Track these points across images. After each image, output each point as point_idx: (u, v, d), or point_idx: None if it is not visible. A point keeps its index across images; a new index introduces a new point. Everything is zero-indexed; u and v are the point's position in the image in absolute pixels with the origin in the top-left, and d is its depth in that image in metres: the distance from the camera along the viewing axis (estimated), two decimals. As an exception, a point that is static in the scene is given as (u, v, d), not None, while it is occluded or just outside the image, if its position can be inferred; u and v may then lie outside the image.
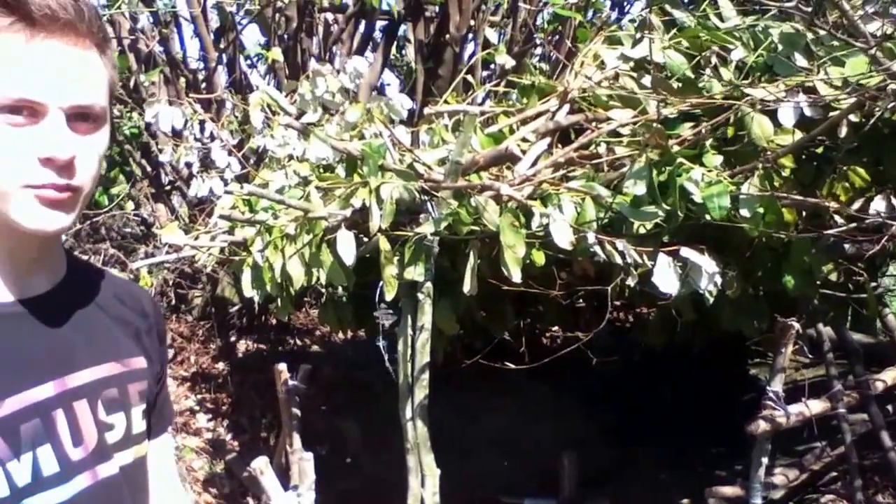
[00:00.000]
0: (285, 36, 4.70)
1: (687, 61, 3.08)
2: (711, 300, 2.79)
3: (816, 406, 3.74)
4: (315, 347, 6.00)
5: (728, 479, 4.88)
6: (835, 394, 3.83)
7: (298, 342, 5.94)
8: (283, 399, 3.63)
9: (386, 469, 5.28)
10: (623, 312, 6.49)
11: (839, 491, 4.21)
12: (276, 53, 3.83)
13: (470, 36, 4.62)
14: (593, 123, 3.02)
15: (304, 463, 3.12)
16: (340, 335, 5.91)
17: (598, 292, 3.15)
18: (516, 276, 2.50)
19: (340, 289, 3.91)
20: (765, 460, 3.51)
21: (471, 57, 4.53)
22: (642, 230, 2.72)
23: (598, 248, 2.59)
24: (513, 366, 3.13)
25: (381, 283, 2.83)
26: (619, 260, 2.59)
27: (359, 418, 5.41)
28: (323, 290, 4.17)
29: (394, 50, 6.01)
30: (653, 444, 5.33)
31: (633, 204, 2.64)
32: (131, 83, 4.70)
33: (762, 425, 3.40)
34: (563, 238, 2.54)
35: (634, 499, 5.03)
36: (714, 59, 3.00)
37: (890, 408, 4.46)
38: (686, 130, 2.86)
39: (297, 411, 3.58)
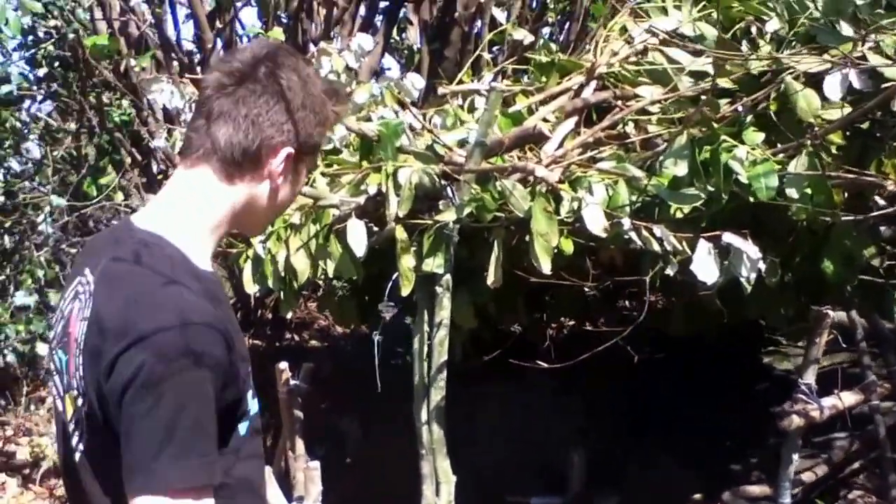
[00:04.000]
0: (284, 17, 4.46)
1: (720, 34, 2.87)
2: (749, 289, 2.58)
3: (849, 398, 3.56)
4: (314, 342, 5.78)
5: (743, 474, 4.68)
6: (868, 385, 3.64)
7: (296, 337, 5.72)
8: (283, 400, 3.41)
9: (389, 471, 5.07)
10: (630, 300, 6.27)
11: (867, 485, 4.01)
12: (277, 33, 3.61)
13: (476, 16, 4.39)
14: (620, 101, 2.81)
15: (310, 472, 2.90)
16: (340, 328, 5.69)
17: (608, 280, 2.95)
18: (546, 267, 2.29)
19: (343, 281, 3.70)
20: (795, 457, 3.32)
21: (479, 35, 4.29)
22: (679, 214, 2.52)
23: (633, 235, 2.39)
24: (524, 363, 2.93)
25: (394, 276, 2.61)
26: (656, 247, 2.39)
27: (360, 417, 5.21)
28: (321, 282, 3.96)
29: (394, 33, 5.78)
30: (664, 438, 5.12)
31: (671, 186, 2.44)
32: (122, 67, 4.46)
33: (795, 420, 3.21)
34: (597, 224, 2.33)
35: (645, 496, 4.83)
36: (753, 29, 2.80)
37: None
38: (724, 107, 2.65)
39: (299, 413, 3.36)
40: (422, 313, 2.64)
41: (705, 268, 2.40)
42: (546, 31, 5.08)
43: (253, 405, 1.43)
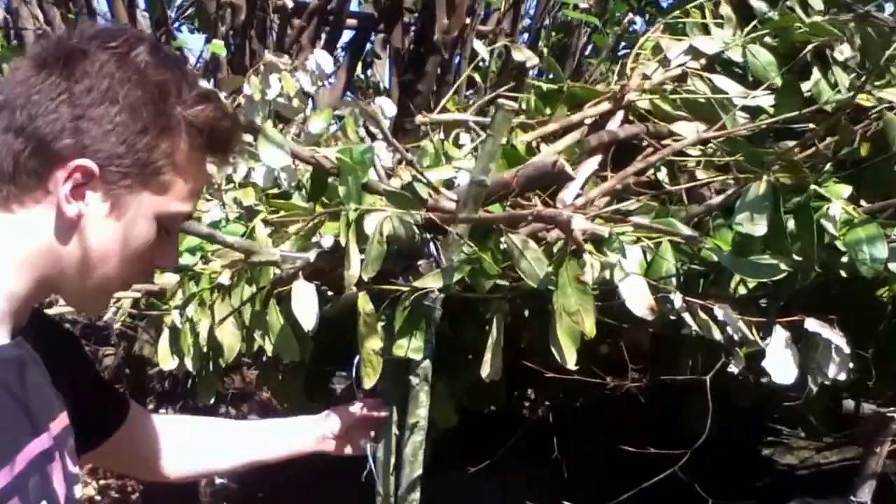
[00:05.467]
0: (230, 33, 3.81)
1: (776, 61, 2.26)
2: (815, 389, 1.91)
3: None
4: (253, 417, 5.01)
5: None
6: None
7: (232, 411, 4.94)
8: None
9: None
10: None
11: None
12: (218, 47, 2.96)
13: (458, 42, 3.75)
14: (654, 139, 2.16)
15: None
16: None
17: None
18: (571, 361, 1.61)
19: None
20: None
21: (458, 68, 3.66)
22: (742, 290, 1.86)
23: (688, 317, 1.72)
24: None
25: (354, 361, 1.92)
26: (717, 335, 1.73)
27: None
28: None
29: (359, 69, 5.14)
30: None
31: (737, 250, 1.78)
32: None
33: (856, 551, 2.56)
34: (641, 301, 1.66)
35: None
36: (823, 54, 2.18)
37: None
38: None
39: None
40: (389, 412, 1.95)
41: (781, 364, 1.75)
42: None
43: None
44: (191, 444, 1.65)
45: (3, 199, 1.05)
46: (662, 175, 2.19)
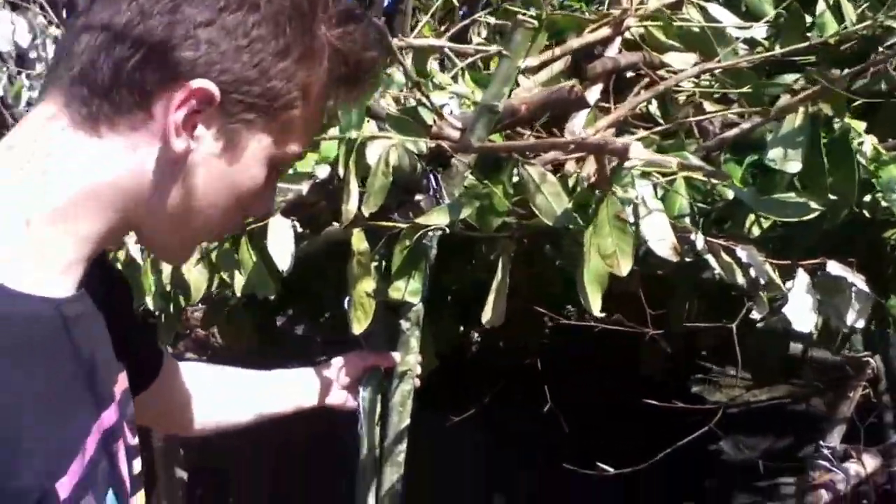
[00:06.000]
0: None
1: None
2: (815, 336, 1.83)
3: (871, 462, 2.90)
4: (190, 355, 4.80)
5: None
6: (890, 447, 2.99)
7: (168, 349, 4.72)
8: (159, 450, 2.49)
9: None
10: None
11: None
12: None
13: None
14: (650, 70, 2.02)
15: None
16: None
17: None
18: (596, 307, 1.48)
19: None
20: (810, 538, 2.62)
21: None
22: (756, 231, 1.75)
23: (711, 259, 1.60)
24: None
25: (345, 300, 1.75)
26: (740, 279, 1.61)
27: (268, 464, 4.31)
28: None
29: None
30: (586, 488, 4.37)
31: (763, 188, 1.67)
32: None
33: (824, 496, 2.52)
34: (664, 242, 1.53)
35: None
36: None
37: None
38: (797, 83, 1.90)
39: (182, 474, 2.44)
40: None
41: (802, 310, 1.65)
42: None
43: None
44: (215, 395, 1.44)
45: (90, 117, 0.80)
46: (654, 108, 2.07)
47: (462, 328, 3.13)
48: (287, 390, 1.58)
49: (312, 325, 2.93)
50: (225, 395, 1.46)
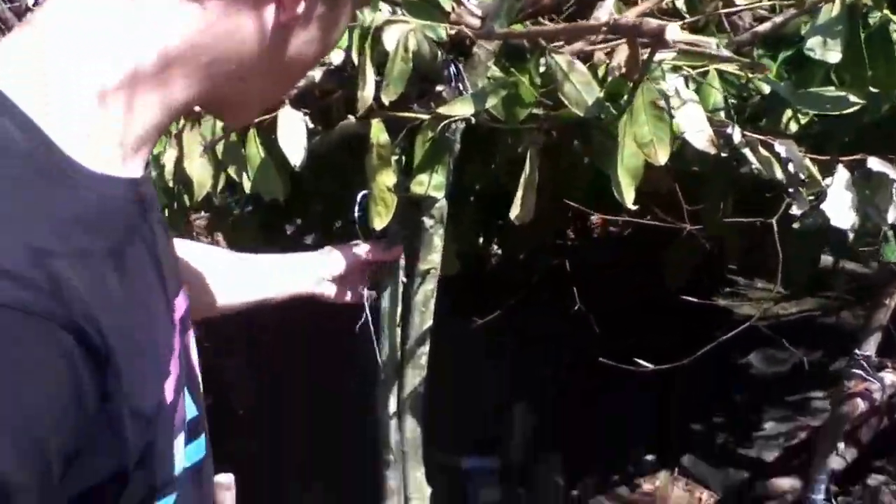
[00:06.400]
0: None
1: None
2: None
3: (904, 373, 2.85)
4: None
5: (706, 435, 3.99)
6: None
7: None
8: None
9: (288, 427, 4.22)
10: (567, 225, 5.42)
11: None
12: None
13: None
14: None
15: (222, 493, 1.95)
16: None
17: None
18: (630, 198, 1.42)
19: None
20: (841, 445, 2.59)
21: None
22: (794, 127, 1.68)
23: (748, 153, 1.53)
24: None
25: (358, 196, 1.69)
26: (778, 174, 1.54)
27: (253, 361, 4.29)
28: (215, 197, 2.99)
29: None
30: (616, 392, 4.34)
31: (799, 83, 1.58)
32: None
33: (860, 405, 2.47)
34: (700, 133, 1.46)
35: (592, 461, 4.09)
36: None
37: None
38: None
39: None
40: (399, 255, 1.74)
41: (841, 207, 1.58)
42: None
43: (183, 458, 0.78)
44: (220, 276, 1.35)
45: None
46: (680, 3, 1.97)
47: (484, 236, 3.07)
48: (281, 276, 1.49)
49: (323, 236, 2.85)
50: (234, 279, 1.39)
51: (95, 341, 0.62)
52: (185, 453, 0.79)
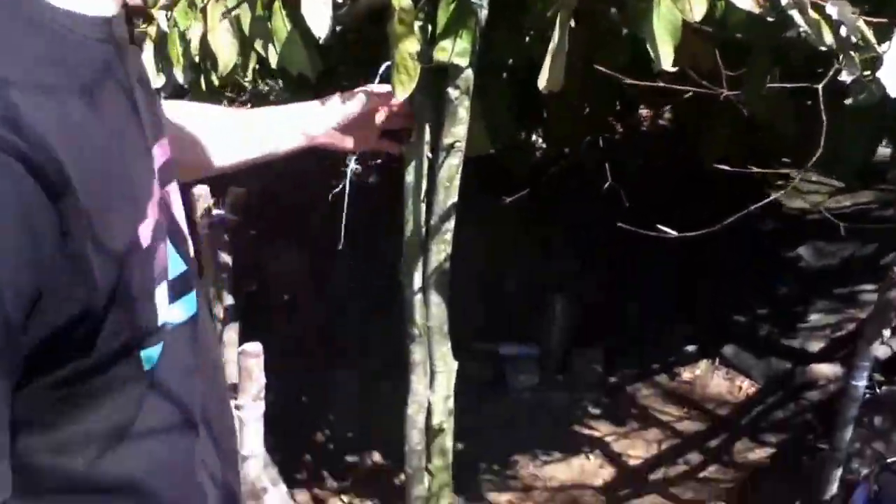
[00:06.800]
0: None
1: None
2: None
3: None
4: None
5: (749, 326, 3.92)
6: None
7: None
8: (206, 236, 2.43)
9: (330, 312, 4.25)
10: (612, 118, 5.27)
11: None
12: None
13: None
14: None
15: (248, 360, 1.94)
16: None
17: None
18: (668, 60, 1.32)
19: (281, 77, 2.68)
20: (887, 333, 2.51)
21: None
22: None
23: (797, 16, 1.42)
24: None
25: (382, 67, 1.61)
26: (828, 39, 1.43)
27: (297, 247, 4.29)
28: (247, 82, 2.93)
29: None
30: (657, 285, 4.27)
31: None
32: None
33: (906, 290, 2.37)
34: (746, -5, 1.36)
35: (634, 350, 4.05)
36: None
37: None
38: None
39: (227, 259, 2.39)
40: (421, 129, 1.67)
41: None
42: None
43: (170, 311, 0.76)
44: (220, 134, 1.29)
45: None
46: None
47: (519, 121, 2.98)
48: (292, 125, 1.41)
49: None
50: (237, 135, 1.33)
51: (49, 172, 0.59)
52: (171, 308, 0.77)
